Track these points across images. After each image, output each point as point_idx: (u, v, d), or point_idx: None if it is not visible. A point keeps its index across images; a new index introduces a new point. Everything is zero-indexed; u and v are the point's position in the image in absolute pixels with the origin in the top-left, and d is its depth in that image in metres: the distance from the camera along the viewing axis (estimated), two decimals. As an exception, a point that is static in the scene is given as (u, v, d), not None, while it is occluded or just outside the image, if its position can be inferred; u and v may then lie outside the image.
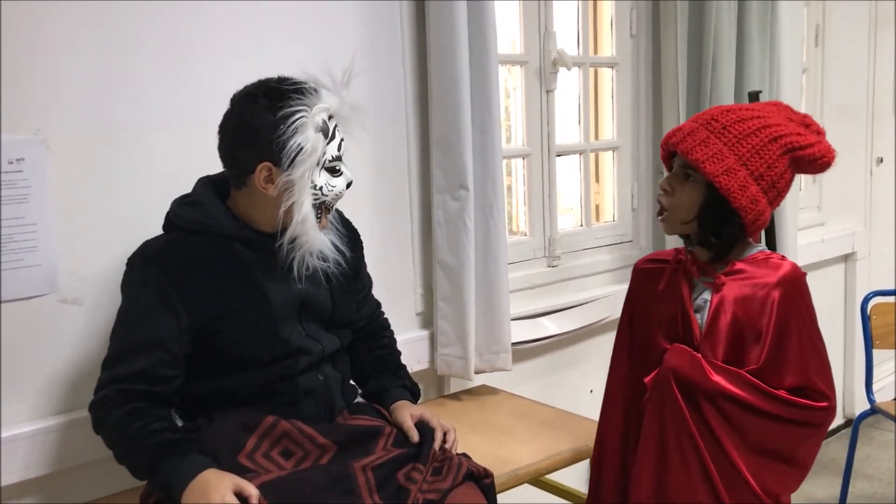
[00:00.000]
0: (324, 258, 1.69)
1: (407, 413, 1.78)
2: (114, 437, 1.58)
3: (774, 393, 1.62)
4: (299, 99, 1.57)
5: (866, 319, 3.14)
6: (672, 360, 1.66)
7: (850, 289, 4.05)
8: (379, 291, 2.03)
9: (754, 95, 2.71)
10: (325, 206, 1.67)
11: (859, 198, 4.12)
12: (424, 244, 2.44)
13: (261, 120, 1.56)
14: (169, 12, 1.90)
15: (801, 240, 3.35)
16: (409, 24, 2.34)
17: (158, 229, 1.69)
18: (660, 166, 2.63)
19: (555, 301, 2.78)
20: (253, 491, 1.47)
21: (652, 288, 1.79)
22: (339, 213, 1.82)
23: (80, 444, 1.80)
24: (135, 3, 1.85)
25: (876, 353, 3.16)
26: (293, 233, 1.62)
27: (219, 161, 1.65)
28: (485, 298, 2.40)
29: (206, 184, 1.71)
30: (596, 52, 3.04)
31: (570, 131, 2.99)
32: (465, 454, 1.76)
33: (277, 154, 1.56)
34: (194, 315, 1.59)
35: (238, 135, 1.61)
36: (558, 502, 2.43)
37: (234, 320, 1.62)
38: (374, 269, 1.99)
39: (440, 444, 1.72)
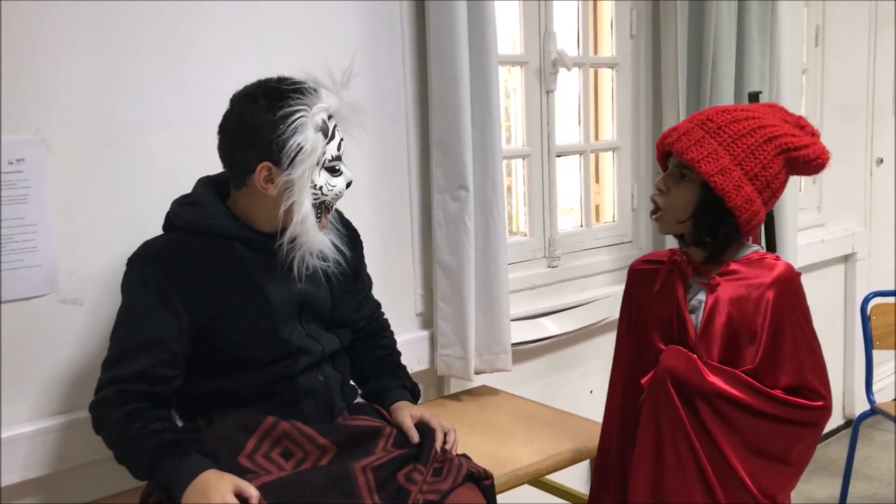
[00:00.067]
0: (324, 258, 1.69)
1: (407, 414, 1.78)
2: (114, 437, 1.58)
3: (770, 393, 1.62)
4: (299, 99, 1.57)
5: (866, 320, 3.14)
6: (668, 360, 1.66)
7: (850, 289, 4.05)
8: (379, 291, 2.02)
9: (754, 96, 2.71)
10: (324, 206, 1.67)
11: (859, 198, 4.12)
12: (424, 244, 2.44)
13: (260, 120, 1.56)
14: (169, 12, 1.90)
15: (801, 240, 3.35)
16: (409, 24, 2.34)
17: (158, 229, 1.69)
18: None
19: (555, 301, 2.78)
20: (253, 492, 1.47)
21: (647, 289, 1.79)
22: (339, 213, 1.82)
23: (80, 445, 1.80)
24: (135, 3, 1.85)
25: (876, 353, 3.16)
26: (293, 232, 1.62)
27: (219, 161, 1.65)
28: (485, 299, 2.39)
29: (206, 184, 1.71)
30: (596, 52, 3.03)
31: (570, 132, 2.98)
32: (465, 455, 1.76)
33: (277, 154, 1.56)
34: (194, 315, 1.59)
35: (238, 135, 1.61)
36: (558, 503, 2.43)
37: (234, 320, 1.62)
38: (374, 269, 1.99)
39: (440, 445, 1.72)
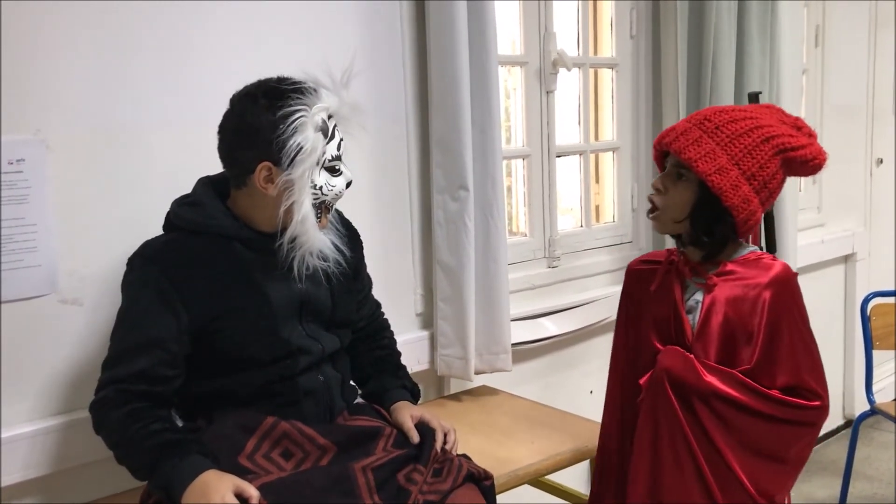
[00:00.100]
0: (324, 258, 1.69)
1: (407, 414, 1.78)
2: (114, 437, 1.57)
3: (767, 393, 1.63)
4: (299, 98, 1.57)
5: (866, 320, 3.13)
6: (665, 360, 1.66)
7: (849, 290, 4.05)
8: (379, 292, 2.02)
9: (754, 96, 2.70)
10: (324, 206, 1.67)
11: (859, 198, 4.12)
12: (424, 244, 2.44)
13: (260, 120, 1.56)
14: (169, 12, 1.90)
15: (801, 241, 3.35)
16: (409, 24, 2.34)
17: (158, 229, 1.69)
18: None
19: (555, 302, 2.78)
20: (253, 492, 1.47)
21: (644, 289, 1.79)
22: (339, 213, 1.82)
23: (80, 445, 1.80)
24: (135, 3, 1.85)
25: (876, 353, 3.16)
26: (293, 232, 1.62)
27: (219, 161, 1.65)
28: (485, 299, 2.39)
29: (206, 184, 1.71)
30: (596, 52, 3.03)
31: (570, 132, 2.98)
32: (465, 455, 1.76)
33: (277, 154, 1.56)
34: (194, 315, 1.59)
35: (238, 135, 1.61)
36: (558, 503, 2.43)
37: (234, 320, 1.62)
38: (374, 269, 1.99)
39: (440, 446, 1.72)
